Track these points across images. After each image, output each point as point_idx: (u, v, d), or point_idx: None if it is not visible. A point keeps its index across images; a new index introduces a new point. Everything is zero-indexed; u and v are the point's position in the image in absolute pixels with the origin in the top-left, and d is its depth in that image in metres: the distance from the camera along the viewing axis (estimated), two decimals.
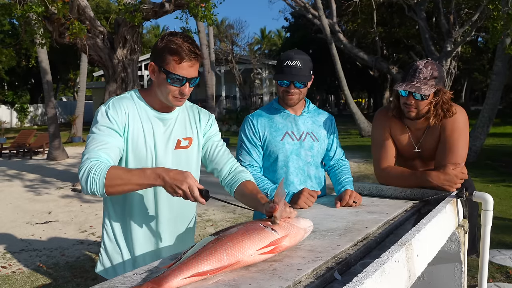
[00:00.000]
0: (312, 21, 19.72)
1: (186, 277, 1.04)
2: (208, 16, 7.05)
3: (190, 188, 1.40)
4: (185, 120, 1.77)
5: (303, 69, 2.06)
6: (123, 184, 1.43)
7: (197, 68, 1.62)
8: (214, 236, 1.20)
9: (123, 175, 1.43)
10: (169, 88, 1.58)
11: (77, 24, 6.78)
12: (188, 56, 1.55)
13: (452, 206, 1.76)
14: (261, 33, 47.97)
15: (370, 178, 8.64)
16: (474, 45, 24.00)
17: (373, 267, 1.05)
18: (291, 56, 2.07)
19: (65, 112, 32.74)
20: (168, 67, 1.55)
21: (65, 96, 49.62)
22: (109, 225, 1.72)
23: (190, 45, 1.55)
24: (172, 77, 1.56)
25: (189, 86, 1.60)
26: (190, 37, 1.60)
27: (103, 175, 1.42)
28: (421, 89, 1.97)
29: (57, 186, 8.67)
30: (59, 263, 4.34)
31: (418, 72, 2.00)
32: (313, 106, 2.31)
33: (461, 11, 17.30)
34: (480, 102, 37.24)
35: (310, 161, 2.20)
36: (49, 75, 12.67)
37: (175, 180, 1.39)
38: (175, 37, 1.56)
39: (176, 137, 1.71)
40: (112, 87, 8.13)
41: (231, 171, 1.76)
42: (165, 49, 1.55)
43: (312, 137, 2.20)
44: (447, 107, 2.03)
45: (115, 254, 1.71)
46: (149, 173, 1.42)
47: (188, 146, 1.74)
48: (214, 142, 1.81)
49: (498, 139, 14.95)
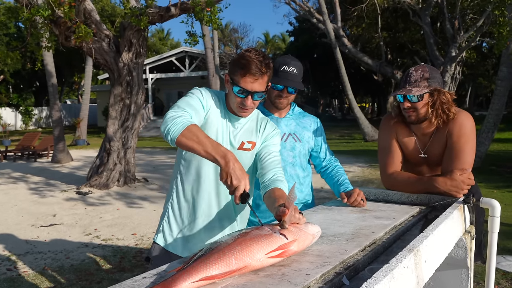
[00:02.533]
0: (317, 25, 19.76)
1: (195, 281, 1.05)
2: (213, 20, 7.09)
3: (238, 187, 1.49)
4: (253, 127, 1.94)
5: (297, 76, 2.17)
6: (195, 142, 1.54)
7: (264, 84, 1.75)
8: (222, 241, 1.21)
9: (200, 135, 1.56)
10: (234, 98, 1.78)
11: (83, 28, 6.82)
12: (254, 72, 1.70)
13: (459, 212, 1.76)
14: (265, 37, 48.04)
15: (374, 183, 8.62)
16: (478, 51, 23.95)
17: (382, 273, 1.05)
18: (287, 62, 2.17)
19: (69, 115, 32.90)
20: (235, 79, 1.74)
21: (70, 99, 49.86)
22: (176, 201, 1.93)
23: (259, 62, 1.70)
24: (237, 88, 1.74)
25: (252, 99, 1.76)
26: (263, 55, 1.74)
27: (186, 125, 1.57)
28: (411, 90, 2.02)
29: (62, 188, 8.70)
30: (64, 266, 4.35)
31: (409, 77, 2.07)
32: (299, 109, 2.39)
33: (466, 16, 17.27)
34: (484, 107, 37.14)
35: (293, 162, 2.28)
36: (54, 78, 12.74)
37: (234, 172, 1.49)
38: (248, 53, 1.73)
39: (241, 139, 1.88)
40: (117, 90, 8.17)
41: (272, 177, 1.81)
42: (237, 62, 1.73)
43: (295, 138, 2.28)
44: (447, 107, 2.03)
45: (176, 229, 1.93)
46: (221, 150, 1.53)
47: (251, 149, 1.90)
48: (270, 150, 1.91)
49: (503, 145, 14.89)
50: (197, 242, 1.91)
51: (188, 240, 1.92)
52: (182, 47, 27.52)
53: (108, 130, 8.36)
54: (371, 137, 17.79)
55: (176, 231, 1.93)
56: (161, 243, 1.95)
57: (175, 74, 27.29)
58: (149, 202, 7.43)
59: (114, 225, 5.96)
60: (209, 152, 1.52)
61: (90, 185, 8.31)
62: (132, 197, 7.84)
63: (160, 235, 1.96)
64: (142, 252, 4.73)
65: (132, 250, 4.81)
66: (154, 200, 7.59)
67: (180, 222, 1.93)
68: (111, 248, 4.91)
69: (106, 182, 8.34)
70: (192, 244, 1.91)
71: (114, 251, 4.79)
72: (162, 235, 1.96)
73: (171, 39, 50.62)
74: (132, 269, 4.21)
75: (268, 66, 1.73)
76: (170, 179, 2.04)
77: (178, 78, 28.01)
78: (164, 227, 1.96)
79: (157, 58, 27.09)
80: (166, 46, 44.23)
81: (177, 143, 1.57)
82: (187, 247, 1.91)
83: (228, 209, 1.92)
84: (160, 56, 27.44)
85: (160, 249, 1.94)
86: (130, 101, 8.31)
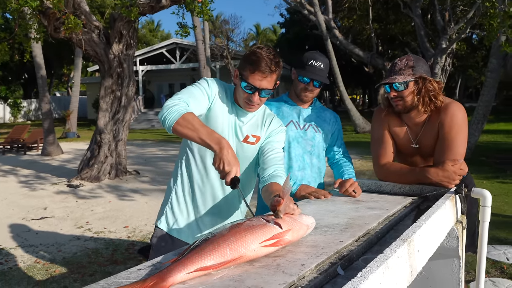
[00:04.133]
0: (308, 17, 19.69)
1: (190, 272, 1.05)
2: (204, 11, 7.04)
3: (230, 172, 1.54)
4: (258, 122, 1.96)
5: (323, 71, 2.25)
6: (190, 129, 1.60)
7: (272, 81, 1.77)
8: (217, 232, 1.21)
9: (195, 123, 1.60)
10: (242, 93, 1.80)
11: (72, 19, 6.74)
12: (264, 69, 1.72)
13: (451, 202, 1.78)
14: (256, 29, 47.86)
15: (365, 174, 8.68)
16: (468, 42, 24.09)
17: (377, 262, 1.06)
18: (316, 57, 2.26)
19: (59, 107, 32.58)
20: (244, 75, 1.76)
21: (59, 91, 49.37)
22: (181, 187, 1.96)
23: (269, 60, 1.72)
24: (245, 84, 1.76)
25: (259, 96, 1.78)
26: (274, 53, 1.76)
27: (181, 113, 1.61)
28: (395, 79, 2.04)
29: (52, 181, 8.64)
30: (56, 259, 4.34)
31: (394, 66, 2.10)
32: (320, 104, 2.46)
33: (456, 8, 17.34)
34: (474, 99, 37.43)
35: (311, 150, 2.35)
36: (43, 70, 12.59)
37: (227, 158, 1.54)
38: (260, 50, 1.74)
39: (247, 132, 1.91)
40: (108, 82, 8.10)
41: (272, 173, 1.82)
42: (247, 58, 1.76)
43: (315, 128, 2.35)
44: (433, 94, 2.04)
45: (180, 214, 1.96)
46: (215, 137, 1.58)
47: (255, 143, 1.93)
48: (273, 146, 1.93)
49: (492, 136, 15.05)
50: (201, 228, 1.95)
51: (192, 226, 1.95)
52: (172, 39, 27.34)
53: (99, 123, 8.30)
54: (362, 129, 17.86)
55: (179, 217, 1.97)
56: (164, 228, 1.98)
57: (165, 66, 27.11)
58: (140, 195, 7.41)
59: (106, 217, 5.94)
60: (203, 139, 1.58)
61: (81, 178, 8.27)
62: (123, 190, 7.81)
63: (163, 220, 1.99)
64: (135, 244, 4.73)
65: (124, 243, 4.80)
66: (146, 193, 7.57)
67: (184, 208, 1.96)
68: (103, 241, 4.89)
69: (97, 175, 8.29)
70: (196, 230, 1.95)
71: (106, 244, 4.78)
72: (165, 220, 1.99)
73: (161, 31, 50.26)
74: (124, 261, 4.21)
75: (278, 64, 1.75)
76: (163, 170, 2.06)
77: (168, 70, 27.84)
78: (167, 212, 1.99)
79: (148, 50, 26.89)
80: (156, 37, 43.88)
81: (173, 131, 1.62)
82: (191, 233, 1.95)
83: (232, 197, 1.96)
84: (151, 48, 27.24)
85: (163, 234, 1.98)
86: (121, 93, 8.25)
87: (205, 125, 1.63)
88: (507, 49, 6.13)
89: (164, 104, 1.68)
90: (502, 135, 15.39)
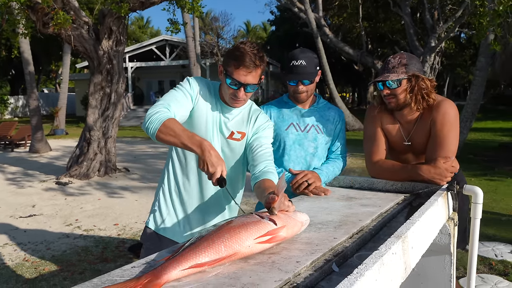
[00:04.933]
0: (298, 15, 19.70)
1: (184, 269, 1.05)
2: (195, 8, 7.00)
3: (215, 172, 1.56)
4: (244, 118, 1.96)
5: (308, 67, 2.18)
6: (171, 136, 1.62)
7: (257, 76, 1.77)
8: (211, 229, 1.20)
9: (176, 129, 1.62)
10: (227, 89, 1.80)
11: (62, 14, 6.66)
12: (248, 64, 1.71)
13: (443, 199, 1.79)
14: (246, 26, 47.78)
15: (355, 172, 8.72)
16: (457, 41, 24.30)
17: (372, 259, 1.07)
18: (296, 56, 2.19)
19: (46, 104, 32.18)
20: (228, 70, 1.76)
21: (47, 87, 48.81)
22: (167, 186, 1.98)
23: (253, 55, 1.72)
24: (229, 79, 1.76)
25: (244, 91, 1.78)
26: (258, 48, 1.76)
27: (162, 121, 1.63)
28: (388, 76, 2.05)
29: (40, 179, 8.55)
30: (45, 257, 4.29)
31: (387, 64, 2.11)
32: (324, 101, 2.41)
33: (445, 7, 17.46)
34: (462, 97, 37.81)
35: (313, 152, 2.30)
36: (31, 66, 12.43)
37: (210, 159, 1.56)
38: (243, 45, 1.74)
39: (232, 129, 1.92)
40: (97, 78, 8.02)
41: (263, 169, 1.82)
42: (231, 54, 1.76)
43: (317, 129, 2.31)
44: (426, 93, 2.06)
45: (166, 213, 1.98)
46: (196, 140, 1.60)
47: (240, 139, 1.93)
48: (261, 142, 1.93)
49: (480, 134, 15.22)
50: (189, 226, 1.96)
51: (179, 224, 1.96)
52: (162, 36, 27.17)
53: (88, 120, 8.22)
54: (352, 127, 17.94)
55: (166, 216, 1.98)
56: (152, 226, 2.01)
57: (155, 62, 26.94)
58: (130, 192, 7.37)
59: (96, 215, 5.89)
60: (185, 143, 1.61)
61: (70, 175, 8.19)
62: (113, 187, 7.76)
63: (151, 219, 2.03)
64: (125, 242, 4.70)
65: (114, 241, 4.77)
66: (136, 190, 7.53)
67: (171, 207, 1.98)
68: (93, 239, 4.85)
69: (86, 172, 8.22)
70: (183, 228, 1.96)
71: (96, 242, 4.74)
72: (153, 219, 2.02)
73: (151, 27, 49.94)
74: (115, 259, 4.18)
75: (262, 59, 1.75)
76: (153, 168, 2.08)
77: (158, 67, 27.68)
78: (155, 211, 2.02)
79: (137, 47, 26.68)
80: (145, 34, 43.61)
81: (157, 139, 1.66)
82: (178, 231, 1.96)
83: (219, 195, 1.96)
84: (140, 45, 27.03)
85: (151, 232, 2.00)
86: (111, 90, 8.18)
87: (186, 130, 1.64)
88: (496, 47, 6.20)
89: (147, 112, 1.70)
90: (489, 133, 15.58)
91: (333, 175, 2.26)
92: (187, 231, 1.96)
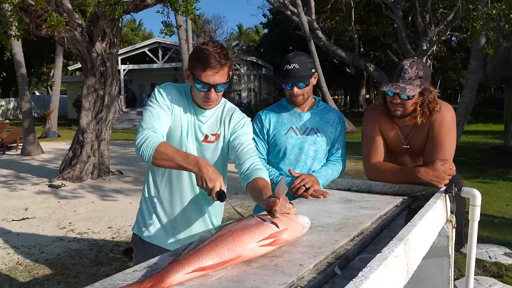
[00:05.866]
0: (291, 18, 19.76)
1: (188, 272, 1.04)
2: (189, 10, 6.99)
3: (214, 187, 1.57)
4: (218, 119, 1.94)
5: (301, 70, 2.19)
6: (167, 160, 1.65)
7: (224, 75, 1.75)
8: (214, 231, 1.20)
9: (169, 153, 1.65)
10: (198, 93, 1.78)
11: (55, 16, 6.61)
12: (214, 65, 1.69)
13: (442, 201, 1.80)
14: (239, 29, 47.82)
15: (349, 174, 8.75)
16: (448, 45, 24.52)
17: (377, 262, 1.07)
18: (288, 60, 2.20)
19: (38, 106, 31.94)
20: (196, 74, 1.73)
21: (38, 90, 48.46)
22: (147, 193, 1.99)
23: (217, 54, 1.69)
24: (198, 83, 1.73)
25: (215, 92, 1.75)
26: (221, 46, 1.74)
27: (154, 147, 1.65)
28: (405, 89, 2.01)
29: (33, 182, 8.47)
30: (39, 261, 4.25)
31: (403, 72, 2.04)
32: (323, 104, 2.40)
33: (437, 11, 17.62)
34: (453, 100, 38.09)
35: (313, 156, 2.30)
36: (23, 68, 12.35)
37: (207, 175, 1.57)
38: (205, 46, 1.71)
39: (205, 131, 1.90)
40: (91, 81, 7.98)
41: (250, 167, 1.80)
42: (195, 57, 1.73)
43: (317, 133, 2.30)
44: (432, 106, 2.06)
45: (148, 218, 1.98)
46: (191, 160, 1.62)
47: (214, 141, 1.92)
48: (242, 140, 1.91)
49: (471, 137, 15.33)
50: (172, 232, 1.96)
51: (162, 230, 1.97)
52: (155, 38, 27.10)
53: (81, 122, 8.17)
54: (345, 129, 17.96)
55: (148, 221, 1.99)
56: (136, 232, 2.03)
57: (148, 65, 26.86)
58: (124, 195, 7.33)
59: (89, 218, 5.85)
60: (181, 165, 1.63)
61: (63, 178, 8.13)
62: (106, 190, 7.71)
63: (135, 225, 2.05)
64: (119, 245, 4.67)
65: (109, 244, 4.74)
66: (129, 193, 7.49)
67: (152, 212, 1.98)
68: (87, 242, 4.82)
69: (79, 175, 8.17)
70: (166, 234, 1.97)
71: (90, 245, 4.71)
72: (137, 225, 2.04)
73: (143, 30, 49.81)
74: (109, 262, 4.15)
75: (226, 56, 1.73)
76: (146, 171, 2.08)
77: (151, 70, 27.60)
78: (138, 217, 2.04)
79: (130, 49, 26.60)
80: (138, 36, 43.47)
81: (153, 165, 1.68)
82: (161, 237, 1.97)
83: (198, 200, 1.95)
84: (133, 47, 26.95)
85: (136, 238, 2.03)
86: (104, 92, 8.14)
87: (178, 151, 1.68)
88: (489, 51, 6.26)
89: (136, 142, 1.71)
90: (480, 136, 15.70)
91: (331, 178, 2.26)
92: (170, 237, 1.95)
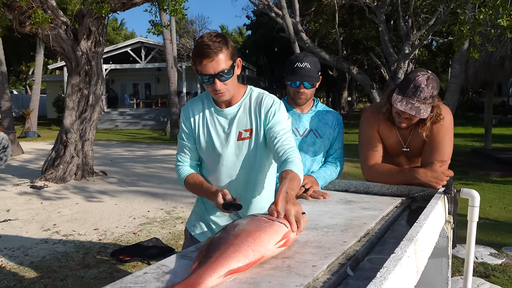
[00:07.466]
0: (275, 19, 19.80)
1: (220, 276, 1.01)
2: (178, 10, 6.93)
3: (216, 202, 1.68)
4: (247, 112, 1.85)
5: (312, 71, 2.21)
6: (194, 192, 1.92)
7: (222, 61, 1.66)
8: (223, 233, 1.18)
9: (194, 187, 1.89)
10: (206, 88, 1.75)
11: (40, 13, 6.49)
12: (208, 53, 1.63)
13: (441, 202, 1.82)
14: (221, 31, 47.77)
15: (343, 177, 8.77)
16: (429, 49, 24.91)
17: (392, 262, 1.07)
18: (300, 58, 2.22)
19: (16, 105, 31.25)
20: (198, 69, 1.69)
21: (17, 89, 47.49)
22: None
23: (211, 42, 1.66)
24: (201, 77, 1.70)
25: (220, 81, 1.68)
26: (216, 34, 1.67)
27: (182, 180, 1.93)
28: (420, 111, 1.95)
29: (14, 182, 8.28)
30: (23, 263, 4.15)
31: (419, 91, 1.94)
32: (322, 105, 2.41)
33: (419, 16, 17.88)
34: None
35: (312, 156, 2.32)
36: (4, 65, 12.12)
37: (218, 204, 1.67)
38: (200, 38, 1.68)
39: (238, 129, 1.84)
40: (75, 80, 7.85)
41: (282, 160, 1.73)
42: (193, 52, 1.70)
43: (316, 134, 2.31)
44: (439, 119, 2.07)
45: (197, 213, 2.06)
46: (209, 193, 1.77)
47: (249, 137, 1.85)
48: (275, 132, 1.80)
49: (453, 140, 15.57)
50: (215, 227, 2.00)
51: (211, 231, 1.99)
52: (138, 38, 26.86)
53: (65, 122, 8.03)
54: None
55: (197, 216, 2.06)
56: (188, 228, 2.10)
57: (130, 65, 26.58)
58: (109, 196, 7.22)
59: (74, 220, 5.75)
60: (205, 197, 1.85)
61: (45, 179, 7.97)
62: (91, 191, 7.59)
63: (188, 221, 2.13)
64: (107, 247, 4.59)
65: (95, 246, 4.66)
66: (115, 194, 7.38)
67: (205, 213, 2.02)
68: (73, 244, 4.73)
69: (62, 176, 8.02)
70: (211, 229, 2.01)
71: (76, 247, 4.62)
72: (189, 222, 2.11)
73: (125, 29, 49.35)
74: (97, 265, 4.08)
75: (221, 42, 1.65)
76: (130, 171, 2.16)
77: (133, 69, 27.34)
78: (192, 215, 2.12)
79: (112, 48, 26.28)
80: (120, 36, 43.04)
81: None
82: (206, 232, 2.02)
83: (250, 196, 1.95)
84: (115, 46, 26.65)
85: (187, 234, 2.09)
86: (89, 92, 8.02)
87: (202, 184, 1.84)
88: (475, 55, 6.39)
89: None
90: (461, 139, 15.97)
91: (330, 179, 2.27)
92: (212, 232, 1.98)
